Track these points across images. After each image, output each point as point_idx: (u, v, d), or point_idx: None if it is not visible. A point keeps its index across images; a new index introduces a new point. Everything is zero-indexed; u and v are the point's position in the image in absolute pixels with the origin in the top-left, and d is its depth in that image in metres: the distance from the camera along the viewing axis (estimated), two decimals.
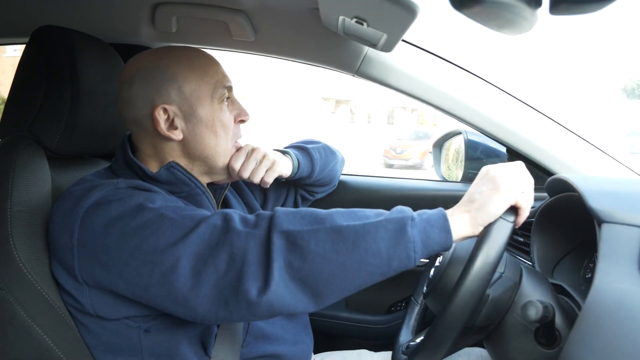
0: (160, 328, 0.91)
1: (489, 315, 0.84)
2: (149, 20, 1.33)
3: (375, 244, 0.74)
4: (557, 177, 0.99)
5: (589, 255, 1.01)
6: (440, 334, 0.75)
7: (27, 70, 1.02)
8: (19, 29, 1.38)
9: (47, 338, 0.91)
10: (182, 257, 0.77)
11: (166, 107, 0.96)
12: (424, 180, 1.65)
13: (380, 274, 0.76)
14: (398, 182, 1.62)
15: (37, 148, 0.97)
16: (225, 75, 1.02)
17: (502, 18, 0.43)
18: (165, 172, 0.97)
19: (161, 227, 0.80)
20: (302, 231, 0.76)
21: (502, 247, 0.75)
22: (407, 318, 1.20)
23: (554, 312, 0.77)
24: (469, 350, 1.22)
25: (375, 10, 0.92)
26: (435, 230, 0.76)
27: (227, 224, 0.80)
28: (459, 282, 0.75)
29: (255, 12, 1.25)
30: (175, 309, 0.80)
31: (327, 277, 0.74)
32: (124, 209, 0.83)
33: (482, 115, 1.31)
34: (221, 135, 1.01)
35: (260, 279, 0.74)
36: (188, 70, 0.97)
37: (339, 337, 1.60)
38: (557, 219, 1.05)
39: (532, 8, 0.42)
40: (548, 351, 0.80)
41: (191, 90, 0.97)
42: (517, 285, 0.86)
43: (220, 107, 1.00)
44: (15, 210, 0.89)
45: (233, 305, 0.76)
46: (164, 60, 0.97)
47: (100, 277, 0.83)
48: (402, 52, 1.31)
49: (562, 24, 25.59)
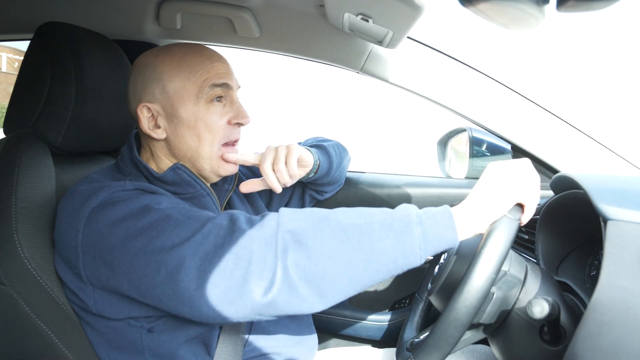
0: (162, 329, 0.91)
1: (494, 313, 0.84)
2: (153, 17, 1.34)
3: (381, 242, 0.74)
4: (562, 174, 0.99)
5: (594, 253, 1.00)
6: (445, 331, 0.75)
7: (32, 67, 1.02)
8: (24, 25, 1.38)
9: (52, 334, 0.92)
10: (188, 257, 0.77)
11: (149, 106, 0.96)
12: (428, 177, 1.64)
13: (386, 272, 0.75)
14: (402, 179, 1.62)
15: (42, 144, 0.97)
16: (220, 74, 0.99)
17: (508, 15, 0.43)
18: (170, 173, 0.97)
19: (167, 228, 0.80)
20: (307, 230, 0.76)
21: (507, 245, 0.75)
22: (411, 315, 1.20)
23: (559, 310, 0.77)
24: (474, 348, 1.21)
25: (380, 7, 0.92)
26: (441, 227, 0.75)
27: (233, 224, 0.80)
28: (464, 279, 0.75)
29: (260, 9, 1.25)
30: (181, 308, 0.80)
31: (332, 276, 0.74)
32: (130, 209, 0.83)
33: (487, 112, 1.30)
34: (205, 137, 0.98)
35: (265, 279, 0.74)
36: (176, 69, 0.96)
37: (343, 334, 1.60)
38: (562, 217, 1.05)
39: (539, 5, 0.42)
40: (553, 349, 0.80)
41: (174, 89, 0.96)
42: (522, 283, 0.85)
43: (207, 108, 0.97)
44: (19, 207, 0.90)
45: (238, 304, 0.76)
46: (158, 58, 0.97)
47: (106, 277, 0.83)
48: (407, 49, 1.31)
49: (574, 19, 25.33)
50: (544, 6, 0.42)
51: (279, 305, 0.75)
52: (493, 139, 1.54)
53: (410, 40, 1.30)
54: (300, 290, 0.74)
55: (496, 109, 1.30)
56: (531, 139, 1.30)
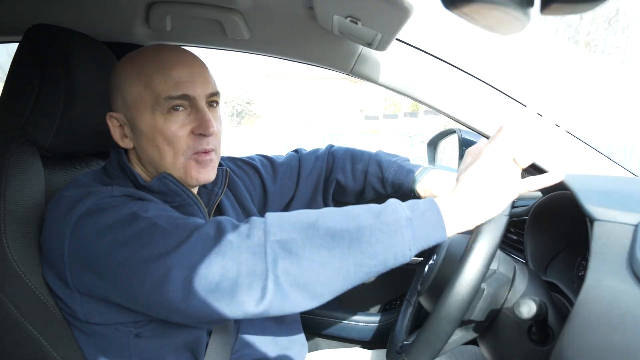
0: (150, 334, 0.91)
1: (484, 310, 0.84)
2: (143, 19, 1.33)
3: (371, 247, 0.73)
4: None
5: (582, 253, 1.01)
6: (437, 326, 0.75)
7: (20, 69, 1.01)
8: (12, 28, 1.37)
9: (41, 337, 0.91)
10: (174, 267, 0.76)
11: (114, 115, 0.96)
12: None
13: (375, 273, 0.75)
14: None
15: (31, 147, 0.96)
16: (179, 83, 0.92)
17: (493, 17, 0.43)
18: (157, 182, 0.95)
19: (153, 238, 0.79)
20: (296, 239, 0.75)
21: (498, 240, 0.75)
22: (401, 316, 1.20)
23: (546, 310, 0.77)
24: (463, 348, 1.22)
25: (368, 9, 0.92)
26: (430, 227, 0.75)
27: (220, 234, 0.78)
28: (455, 274, 0.75)
29: (250, 11, 1.25)
30: (169, 315, 0.80)
31: (324, 280, 0.74)
32: (117, 217, 0.82)
33: (476, 114, 1.31)
34: (165, 149, 0.93)
35: (256, 290, 0.73)
36: (134, 79, 0.93)
37: (333, 335, 1.60)
38: (550, 217, 1.05)
39: (524, 8, 0.42)
40: (541, 348, 0.81)
41: (132, 100, 0.93)
42: (510, 282, 0.86)
43: (165, 119, 0.92)
44: (8, 209, 0.89)
45: (227, 314, 0.75)
46: (123, 66, 0.96)
47: (93, 285, 0.83)
48: (396, 51, 1.31)
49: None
50: (529, 9, 0.43)
51: (272, 312, 0.75)
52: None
53: (399, 42, 1.30)
54: (293, 296, 0.74)
55: (485, 110, 1.30)
56: None
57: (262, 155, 1.36)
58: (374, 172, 1.25)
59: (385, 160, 1.25)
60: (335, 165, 1.30)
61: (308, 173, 1.32)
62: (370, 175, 1.26)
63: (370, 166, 1.26)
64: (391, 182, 1.21)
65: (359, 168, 1.28)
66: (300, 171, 1.32)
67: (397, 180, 1.20)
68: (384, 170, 1.23)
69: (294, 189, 1.32)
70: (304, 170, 1.32)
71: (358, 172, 1.28)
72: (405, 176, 1.19)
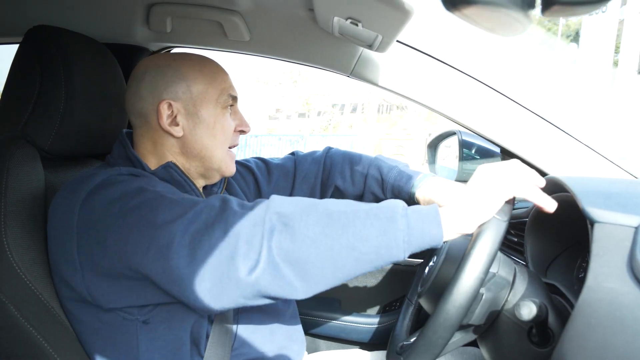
0: (158, 320, 0.92)
1: (483, 314, 0.84)
2: (143, 20, 1.33)
3: (365, 230, 0.75)
4: (550, 177, 1.00)
5: (582, 255, 1.01)
6: (435, 332, 0.75)
7: (21, 70, 1.01)
8: (13, 29, 1.37)
9: (41, 338, 0.91)
10: (179, 234, 0.78)
11: (171, 103, 0.99)
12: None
13: (368, 262, 0.76)
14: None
15: (31, 148, 0.97)
16: (232, 86, 1.07)
17: (494, 19, 0.43)
18: (162, 170, 0.99)
19: (160, 206, 0.82)
20: (294, 213, 0.78)
21: (496, 246, 0.75)
22: (401, 318, 1.20)
23: (547, 312, 0.77)
24: (463, 350, 1.22)
25: (369, 11, 0.92)
26: (426, 222, 0.76)
27: (225, 205, 0.82)
28: (453, 280, 0.75)
29: (250, 13, 1.25)
30: (170, 287, 0.80)
31: (315, 261, 0.75)
32: (125, 189, 0.85)
33: (475, 116, 1.31)
34: (219, 138, 1.04)
35: (250, 258, 0.75)
36: (198, 73, 1.02)
37: (332, 337, 1.60)
38: (550, 219, 1.05)
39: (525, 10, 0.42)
40: (541, 350, 0.81)
41: (198, 91, 1.01)
42: (510, 285, 0.86)
43: (223, 113, 1.04)
44: (8, 211, 0.89)
45: (225, 283, 0.76)
46: (177, 61, 1.02)
47: (99, 259, 0.83)
48: (396, 52, 1.31)
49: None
50: (530, 11, 0.43)
51: (262, 286, 0.76)
52: (482, 142, 1.55)
53: (399, 44, 1.31)
54: (284, 272, 0.75)
55: (485, 112, 1.31)
56: (520, 142, 1.31)
57: (257, 157, 1.39)
58: (373, 176, 1.26)
59: (385, 165, 1.25)
60: (334, 169, 1.31)
61: (304, 175, 1.33)
62: (369, 179, 1.26)
63: (370, 170, 1.27)
64: (391, 186, 1.22)
65: (358, 171, 1.29)
66: (296, 173, 1.34)
67: (397, 185, 1.20)
68: (384, 175, 1.23)
69: (289, 191, 1.34)
70: (300, 172, 1.34)
71: (357, 176, 1.29)
72: (406, 182, 1.19)
